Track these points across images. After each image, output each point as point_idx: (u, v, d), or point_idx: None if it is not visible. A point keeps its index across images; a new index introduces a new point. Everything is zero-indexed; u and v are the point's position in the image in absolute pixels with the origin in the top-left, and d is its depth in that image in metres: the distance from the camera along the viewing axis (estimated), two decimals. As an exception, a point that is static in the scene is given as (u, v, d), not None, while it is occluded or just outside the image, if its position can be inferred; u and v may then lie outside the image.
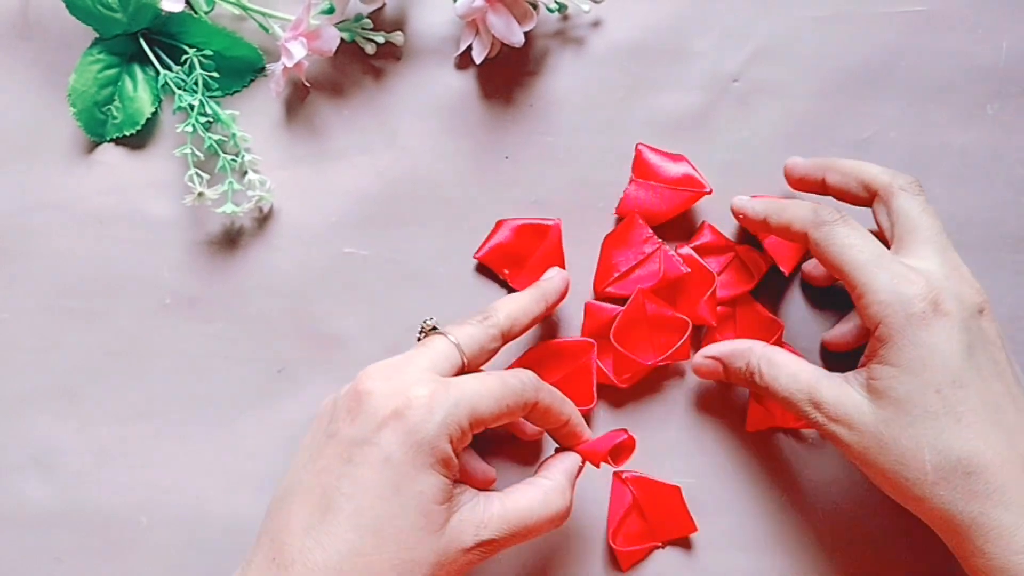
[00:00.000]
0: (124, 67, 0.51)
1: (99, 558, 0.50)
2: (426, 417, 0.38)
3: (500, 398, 0.39)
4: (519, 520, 0.40)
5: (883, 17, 0.52)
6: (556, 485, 0.42)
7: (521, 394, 0.40)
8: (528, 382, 0.41)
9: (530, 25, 0.49)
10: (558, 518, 0.41)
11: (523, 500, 0.40)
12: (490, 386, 0.39)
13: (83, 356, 0.51)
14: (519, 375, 0.41)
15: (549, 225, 0.50)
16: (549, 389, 0.42)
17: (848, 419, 0.40)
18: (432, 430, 0.37)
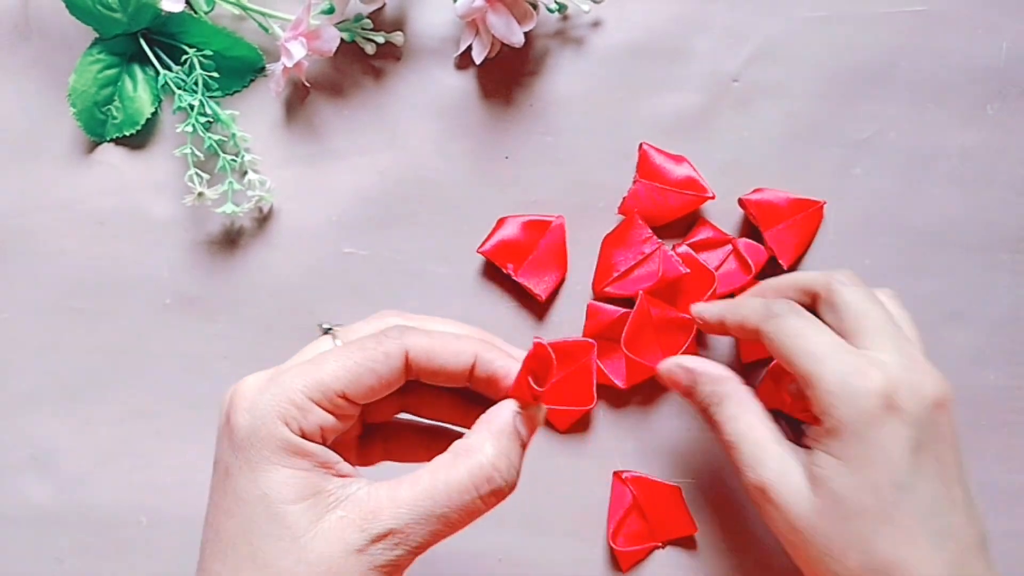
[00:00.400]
0: (124, 67, 0.51)
1: (99, 558, 0.50)
2: (246, 408, 0.32)
3: (347, 358, 0.33)
4: (428, 500, 0.31)
5: (883, 17, 0.52)
6: (479, 444, 0.32)
7: (376, 347, 0.33)
8: (388, 332, 0.34)
9: (530, 25, 0.49)
10: (490, 487, 0.32)
11: (430, 476, 0.32)
12: (334, 353, 0.33)
13: (83, 356, 0.51)
14: (378, 333, 0.34)
15: (553, 221, 0.50)
16: (426, 332, 0.34)
17: (785, 501, 0.39)
18: (251, 421, 0.32)
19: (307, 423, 0.32)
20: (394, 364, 0.33)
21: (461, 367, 0.34)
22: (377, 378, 0.33)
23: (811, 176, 0.51)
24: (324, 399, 0.32)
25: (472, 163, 0.51)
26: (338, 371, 0.32)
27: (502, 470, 0.32)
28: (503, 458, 0.32)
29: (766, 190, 0.50)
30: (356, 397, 0.33)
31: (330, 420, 0.32)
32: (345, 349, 0.33)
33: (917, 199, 0.51)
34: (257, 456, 0.31)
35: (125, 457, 0.51)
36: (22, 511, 0.51)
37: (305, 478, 0.31)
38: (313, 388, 0.32)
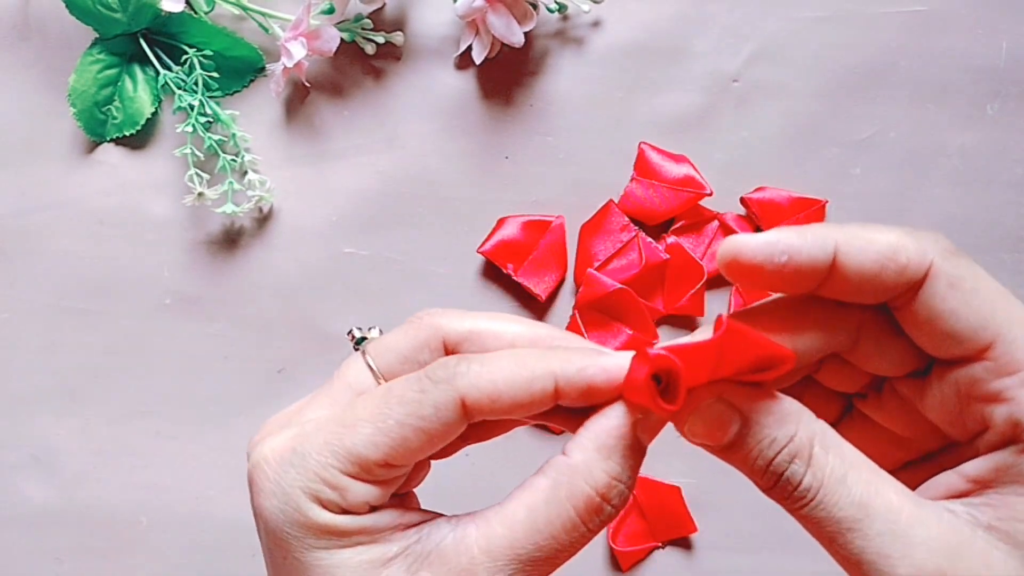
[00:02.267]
0: (124, 67, 0.51)
1: (99, 558, 0.50)
2: (271, 491, 0.26)
3: (384, 417, 0.26)
4: (530, 545, 0.25)
5: (883, 17, 0.52)
6: (584, 467, 0.25)
7: (421, 398, 0.26)
8: (435, 373, 0.26)
9: (530, 25, 0.49)
10: (600, 518, 0.26)
11: (528, 512, 0.25)
12: (368, 408, 0.26)
13: (83, 356, 0.51)
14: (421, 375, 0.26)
15: (553, 221, 0.50)
16: (483, 361, 0.26)
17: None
18: (281, 507, 0.26)
19: (348, 502, 0.26)
20: (447, 418, 0.26)
21: (537, 397, 0.26)
22: (426, 438, 0.26)
23: (811, 176, 0.51)
24: (363, 472, 0.26)
25: (472, 163, 0.51)
26: (375, 437, 0.26)
27: (613, 498, 0.25)
28: (614, 485, 0.25)
29: (768, 189, 0.50)
30: (403, 463, 0.26)
31: (375, 492, 0.26)
32: (382, 401, 0.26)
33: (917, 199, 0.51)
34: (299, 545, 0.26)
35: (125, 457, 0.51)
36: (22, 511, 0.51)
37: (368, 552, 0.26)
38: (348, 462, 0.26)
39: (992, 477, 0.25)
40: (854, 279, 0.25)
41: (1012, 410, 0.24)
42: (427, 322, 0.29)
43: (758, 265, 0.24)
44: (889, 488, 0.24)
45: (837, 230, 0.25)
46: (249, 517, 0.42)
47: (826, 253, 0.24)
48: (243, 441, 0.51)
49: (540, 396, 0.26)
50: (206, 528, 0.50)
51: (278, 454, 0.27)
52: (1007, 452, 0.25)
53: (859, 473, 0.24)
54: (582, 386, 0.26)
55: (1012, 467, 0.24)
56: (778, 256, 0.24)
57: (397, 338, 0.29)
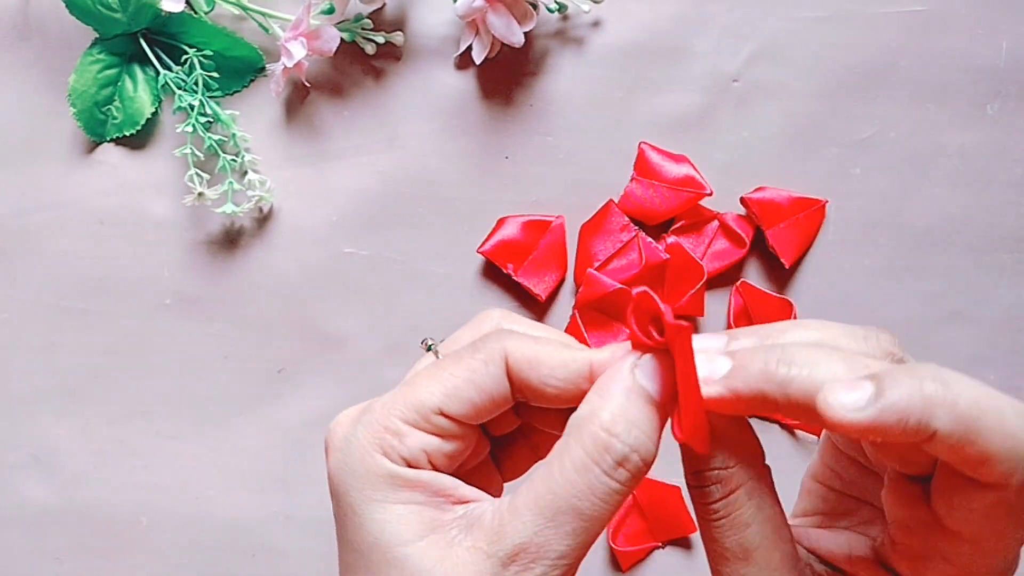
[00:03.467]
0: (124, 67, 0.51)
1: (99, 558, 0.50)
2: (339, 446, 0.28)
3: (441, 371, 0.28)
4: (549, 495, 0.26)
5: (883, 17, 0.52)
6: (589, 411, 0.26)
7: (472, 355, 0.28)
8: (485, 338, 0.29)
9: (530, 25, 0.49)
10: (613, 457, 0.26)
11: (546, 467, 0.26)
12: (428, 369, 0.29)
13: (83, 356, 0.51)
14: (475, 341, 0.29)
15: (553, 221, 0.50)
16: (530, 336, 0.29)
17: None
18: (345, 459, 0.28)
19: (407, 449, 0.27)
20: (494, 371, 0.28)
21: (572, 377, 0.27)
22: (477, 389, 0.28)
23: (811, 176, 0.51)
24: (422, 420, 0.27)
25: (472, 163, 0.51)
26: (432, 387, 0.28)
27: (620, 434, 0.26)
28: (619, 420, 0.26)
29: (768, 188, 0.50)
30: (458, 414, 0.28)
31: (433, 442, 0.28)
32: (440, 363, 0.29)
33: (917, 199, 0.51)
34: (359, 497, 0.27)
35: (125, 457, 0.51)
36: (22, 511, 0.51)
37: (419, 512, 0.27)
38: (407, 410, 0.27)
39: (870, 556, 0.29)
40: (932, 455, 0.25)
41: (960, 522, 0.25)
42: (491, 319, 0.31)
43: (857, 434, 0.23)
44: (781, 551, 0.27)
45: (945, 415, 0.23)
46: (249, 517, 0.43)
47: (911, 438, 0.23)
48: (243, 441, 0.51)
49: (576, 376, 0.27)
50: (206, 528, 0.50)
51: (349, 417, 0.29)
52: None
53: (762, 528, 0.27)
54: (604, 362, 0.27)
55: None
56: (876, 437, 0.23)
57: (463, 332, 0.31)
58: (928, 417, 0.23)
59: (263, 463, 0.50)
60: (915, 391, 0.23)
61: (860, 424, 0.23)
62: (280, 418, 0.51)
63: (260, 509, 0.50)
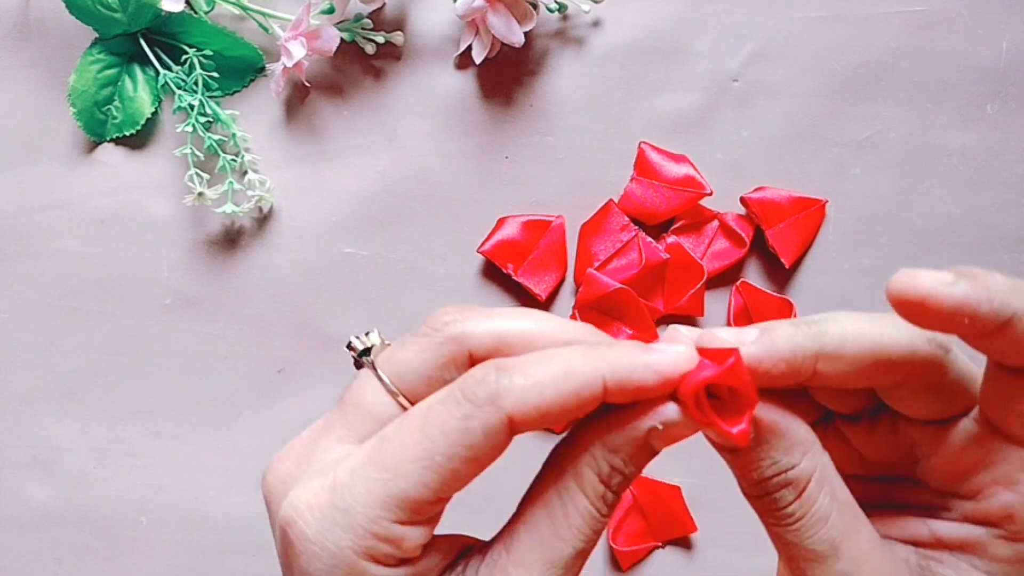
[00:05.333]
0: (124, 67, 0.51)
1: (99, 558, 0.50)
2: (315, 552, 0.24)
3: (429, 452, 0.23)
4: (559, 550, 0.24)
5: (883, 17, 0.52)
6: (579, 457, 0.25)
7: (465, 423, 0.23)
8: (474, 394, 0.24)
9: (530, 25, 0.49)
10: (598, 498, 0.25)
11: (549, 525, 0.25)
12: (406, 443, 0.24)
13: (83, 356, 0.51)
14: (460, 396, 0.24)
15: (553, 221, 0.50)
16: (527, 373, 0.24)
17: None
18: (329, 568, 0.24)
19: (403, 550, 0.24)
20: (498, 441, 0.24)
21: (587, 404, 0.24)
22: (476, 466, 0.24)
23: (811, 176, 0.51)
24: (414, 516, 0.24)
25: (472, 163, 0.51)
26: (424, 477, 0.23)
27: (614, 486, 0.25)
28: (615, 476, 0.25)
29: (768, 188, 0.50)
30: (453, 494, 0.25)
31: (427, 531, 0.25)
32: (422, 435, 0.24)
33: (917, 199, 0.51)
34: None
35: (125, 457, 0.51)
36: (22, 511, 0.51)
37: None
38: (396, 509, 0.24)
39: (958, 545, 0.26)
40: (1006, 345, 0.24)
41: (1014, 501, 0.25)
42: (448, 333, 0.26)
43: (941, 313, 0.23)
44: (863, 534, 0.25)
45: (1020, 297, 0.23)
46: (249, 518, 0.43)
47: (999, 322, 0.23)
48: (243, 441, 0.51)
49: (589, 402, 0.24)
50: (206, 528, 0.50)
51: (316, 511, 0.24)
52: (983, 531, 0.25)
53: (842, 515, 0.25)
54: (632, 389, 0.24)
55: (978, 544, 0.25)
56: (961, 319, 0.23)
57: (416, 355, 0.26)
58: (1012, 297, 0.23)
59: (263, 463, 0.50)
60: (996, 277, 0.24)
61: (951, 298, 0.23)
62: (280, 418, 0.51)
63: (260, 509, 0.50)
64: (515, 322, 0.26)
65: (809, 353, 0.24)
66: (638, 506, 0.49)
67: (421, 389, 0.25)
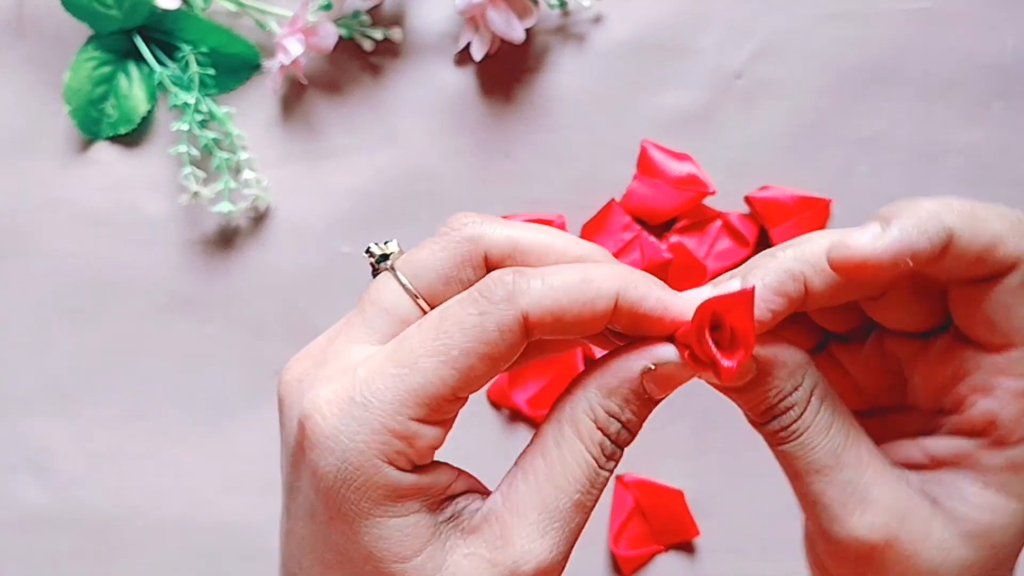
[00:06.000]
0: (119, 64, 0.51)
1: (95, 561, 0.50)
2: (330, 448, 0.24)
3: (447, 347, 0.24)
4: (554, 498, 0.24)
5: (888, 14, 0.51)
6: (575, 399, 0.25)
7: (482, 320, 0.24)
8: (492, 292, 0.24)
9: (530, 21, 0.48)
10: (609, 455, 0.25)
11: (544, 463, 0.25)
12: (424, 341, 0.24)
13: (78, 357, 0.51)
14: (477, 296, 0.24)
15: (554, 220, 0.50)
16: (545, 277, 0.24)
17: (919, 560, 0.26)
18: (341, 466, 0.24)
19: (417, 452, 0.24)
20: (513, 339, 0.24)
21: (599, 317, 0.24)
22: (494, 363, 0.24)
23: (816, 174, 0.51)
24: (432, 413, 0.24)
25: (472, 161, 0.51)
26: (441, 371, 0.24)
27: (612, 433, 0.25)
28: (612, 422, 0.25)
29: (773, 187, 0.50)
30: (470, 392, 0.25)
31: (442, 433, 0.25)
32: (439, 331, 0.24)
33: (923, 197, 0.51)
34: (354, 510, 0.24)
35: (121, 459, 0.50)
36: (17, 514, 0.50)
37: (417, 523, 0.24)
38: (414, 404, 0.24)
39: (949, 460, 0.26)
40: (946, 266, 0.25)
41: (994, 407, 0.25)
42: (465, 234, 0.26)
43: (883, 267, 0.24)
44: (863, 446, 0.26)
45: (954, 214, 0.25)
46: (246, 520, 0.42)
47: (937, 250, 0.24)
48: (240, 443, 0.50)
49: (602, 314, 0.24)
50: (203, 531, 0.50)
51: (334, 406, 0.24)
52: (970, 442, 0.26)
53: (842, 426, 0.26)
54: (638, 315, 0.25)
55: (970, 457, 0.26)
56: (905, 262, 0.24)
57: (433, 254, 0.26)
58: (942, 220, 0.24)
59: (260, 465, 0.50)
60: (920, 207, 0.25)
61: (887, 251, 0.24)
62: (277, 420, 0.50)
63: (257, 512, 0.50)
64: (531, 231, 0.26)
65: (798, 274, 0.25)
66: (640, 510, 0.49)
67: (439, 289, 0.26)
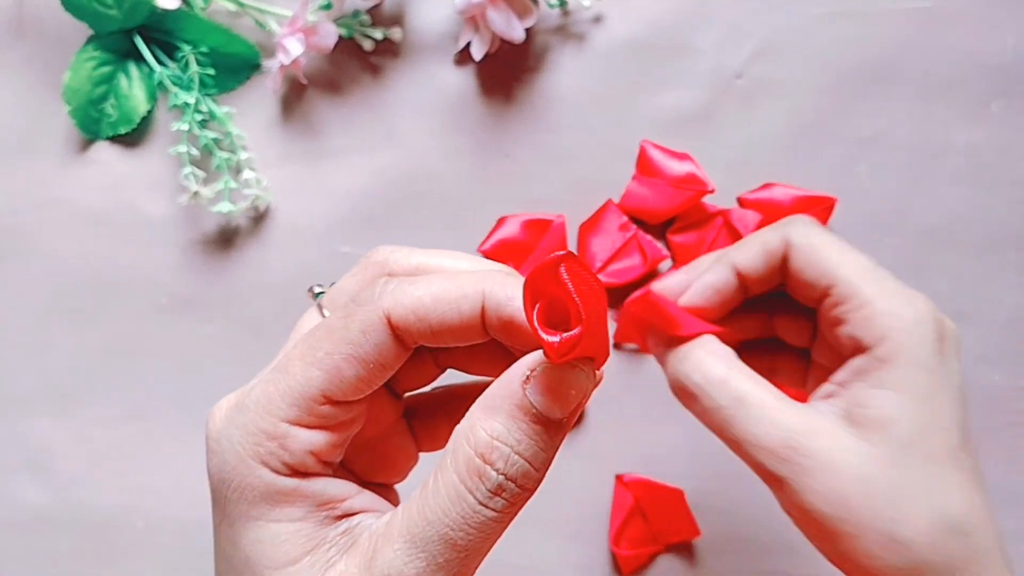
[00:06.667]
0: (119, 64, 0.51)
1: (95, 561, 0.50)
2: (214, 449, 0.25)
3: (314, 349, 0.25)
4: (422, 522, 0.23)
5: (887, 13, 0.51)
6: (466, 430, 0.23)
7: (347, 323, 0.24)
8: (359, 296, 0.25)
9: (530, 21, 0.48)
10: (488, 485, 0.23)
11: (421, 490, 0.24)
12: (299, 347, 0.25)
13: (78, 357, 0.51)
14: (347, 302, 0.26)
15: (554, 220, 0.50)
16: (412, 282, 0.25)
17: (823, 460, 0.30)
18: (220, 466, 0.24)
19: (290, 455, 0.24)
20: (377, 339, 0.24)
21: (467, 320, 0.24)
22: (362, 364, 0.24)
23: (816, 174, 0.51)
24: (304, 414, 0.24)
25: (472, 161, 0.51)
26: (308, 372, 0.24)
27: (496, 461, 0.23)
28: (497, 446, 0.23)
29: (776, 186, 0.50)
30: (343, 395, 0.24)
31: (320, 438, 0.24)
32: (311, 337, 0.25)
33: (922, 197, 0.51)
34: (234, 512, 0.24)
35: (120, 459, 0.50)
36: (17, 514, 0.50)
37: (297, 532, 0.24)
38: (287, 405, 0.24)
39: (848, 378, 0.33)
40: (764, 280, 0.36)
41: (849, 329, 0.33)
42: (375, 260, 0.27)
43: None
44: (765, 389, 0.32)
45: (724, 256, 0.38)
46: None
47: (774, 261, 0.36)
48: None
49: (469, 317, 0.24)
50: (203, 531, 0.50)
51: (224, 411, 0.26)
52: (857, 359, 0.32)
53: (739, 376, 0.33)
54: (507, 316, 0.24)
55: (859, 368, 0.32)
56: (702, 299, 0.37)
57: (347, 280, 0.28)
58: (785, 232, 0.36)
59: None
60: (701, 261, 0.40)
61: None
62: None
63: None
64: (437, 256, 0.27)
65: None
66: (640, 510, 0.49)
67: None
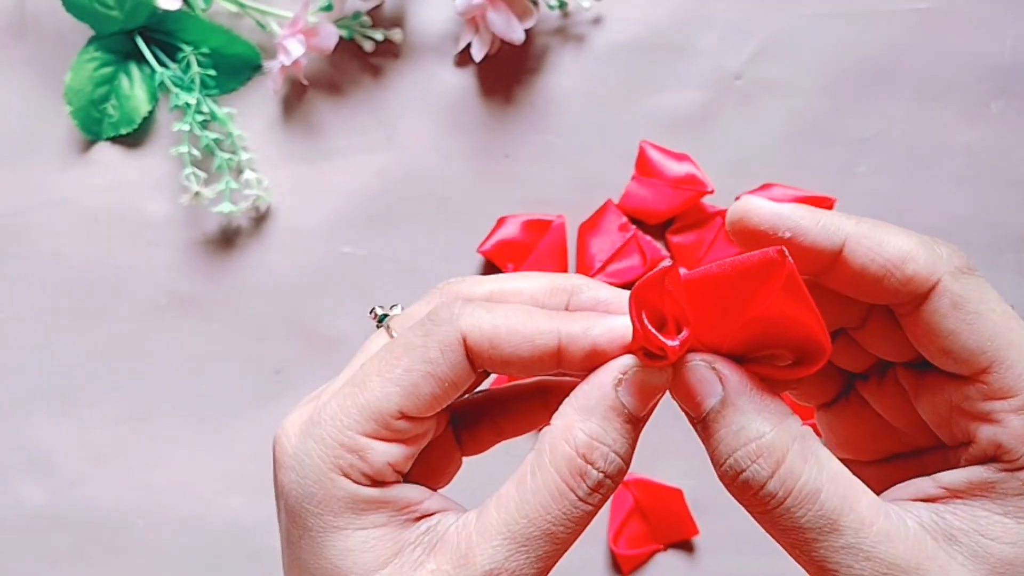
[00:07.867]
0: (120, 65, 0.51)
1: (95, 561, 0.50)
2: (291, 465, 0.26)
3: (391, 366, 0.25)
4: (522, 520, 0.24)
5: (887, 15, 0.51)
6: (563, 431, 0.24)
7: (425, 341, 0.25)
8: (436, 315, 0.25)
9: (530, 22, 0.48)
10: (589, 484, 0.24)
11: (518, 489, 0.24)
12: (376, 364, 0.25)
13: (79, 357, 0.51)
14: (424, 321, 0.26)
15: (554, 221, 0.50)
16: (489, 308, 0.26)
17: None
18: (300, 481, 0.25)
19: (370, 466, 0.25)
20: (453, 359, 0.25)
21: (539, 352, 0.25)
22: (438, 382, 0.25)
23: (815, 174, 0.51)
24: (382, 428, 0.25)
25: (472, 162, 0.51)
26: (386, 388, 0.25)
27: (597, 460, 0.24)
28: (597, 445, 0.24)
29: (775, 186, 0.50)
30: (420, 412, 0.25)
31: (397, 451, 0.25)
32: (387, 353, 0.26)
33: (921, 197, 0.51)
34: (318, 523, 0.25)
35: (121, 459, 0.50)
36: (17, 514, 0.50)
37: (383, 536, 0.25)
38: (365, 420, 0.25)
39: (964, 489, 0.25)
40: (856, 278, 0.25)
41: (997, 432, 0.24)
42: (447, 291, 0.28)
43: (763, 232, 0.25)
44: (863, 502, 0.24)
45: (852, 223, 0.25)
46: (246, 520, 0.42)
47: (833, 244, 0.25)
48: (241, 443, 0.50)
49: (542, 351, 0.25)
50: (203, 531, 0.50)
51: (296, 427, 0.26)
52: (983, 468, 0.25)
53: (835, 486, 0.24)
54: (586, 346, 0.25)
55: (985, 483, 0.25)
56: (783, 231, 0.25)
57: (419, 308, 0.28)
58: (839, 224, 0.25)
59: (261, 465, 0.50)
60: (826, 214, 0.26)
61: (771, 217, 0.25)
62: (278, 420, 0.50)
63: (258, 512, 0.50)
64: (507, 280, 0.27)
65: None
66: (639, 509, 0.49)
67: None
